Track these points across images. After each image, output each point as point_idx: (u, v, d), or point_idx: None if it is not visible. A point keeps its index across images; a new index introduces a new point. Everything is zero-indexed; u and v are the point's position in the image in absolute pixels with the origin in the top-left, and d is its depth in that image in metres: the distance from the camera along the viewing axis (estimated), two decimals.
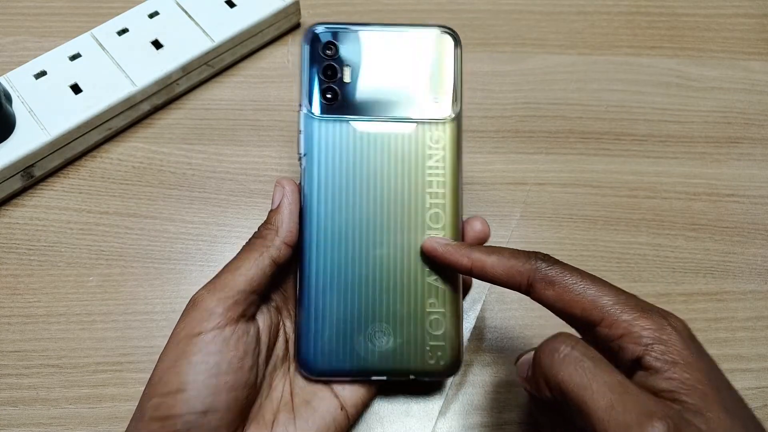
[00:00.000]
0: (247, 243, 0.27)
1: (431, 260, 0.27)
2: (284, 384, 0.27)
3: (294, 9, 0.42)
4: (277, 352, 0.28)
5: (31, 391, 0.31)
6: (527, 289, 0.24)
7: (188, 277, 0.34)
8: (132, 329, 0.33)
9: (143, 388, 0.24)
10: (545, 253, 0.24)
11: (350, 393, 0.27)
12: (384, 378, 0.27)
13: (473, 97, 0.41)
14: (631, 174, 0.39)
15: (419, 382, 0.29)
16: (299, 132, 0.27)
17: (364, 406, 0.28)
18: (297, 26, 0.44)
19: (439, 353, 0.27)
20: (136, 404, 0.24)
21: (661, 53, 0.44)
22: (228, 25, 0.40)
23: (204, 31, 0.40)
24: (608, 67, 0.43)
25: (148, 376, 0.24)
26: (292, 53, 0.43)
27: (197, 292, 0.25)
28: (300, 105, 0.27)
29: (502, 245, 0.29)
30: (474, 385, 0.32)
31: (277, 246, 0.26)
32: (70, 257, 0.35)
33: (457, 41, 0.28)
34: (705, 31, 0.45)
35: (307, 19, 0.44)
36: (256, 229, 0.27)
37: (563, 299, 0.23)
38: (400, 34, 0.28)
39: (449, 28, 0.28)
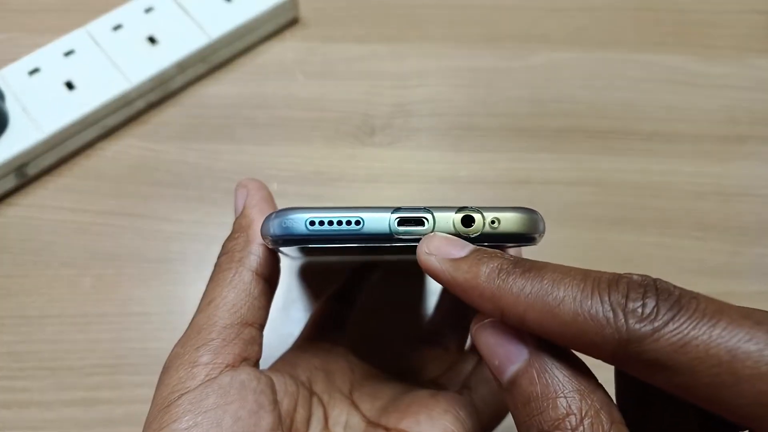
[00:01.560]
0: (213, 271, 0.20)
1: None
2: None
3: (292, 4, 0.41)
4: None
5: (24, 393, 0.31)
6: (617, 365, 0.14)
7: (184, 277, 0.34)
8: (127, 330, 0.32)
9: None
10: (643, 276, 0.14)
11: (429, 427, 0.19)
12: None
13: (476, 94, 0.41)
14: (637, 173, 0.38)
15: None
16: None
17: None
18: (295, 21, 0.43)
19: None
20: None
21: (667, 50, 0.43)
22: (224, 20, 0.39)
23: (200, 27, 0.39)
24: (613, 64, 0.42)
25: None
26: (290, 49, 0.42)
27: (170, 354, 0.19)
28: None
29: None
30: None
31: (253, 252, 0.19)
32: (64, 257, 0.34)
33: None
34: (711, 28, 0.44)
35: (305, 14, 0.43)
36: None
37: (692, 392, 0.13)
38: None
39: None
